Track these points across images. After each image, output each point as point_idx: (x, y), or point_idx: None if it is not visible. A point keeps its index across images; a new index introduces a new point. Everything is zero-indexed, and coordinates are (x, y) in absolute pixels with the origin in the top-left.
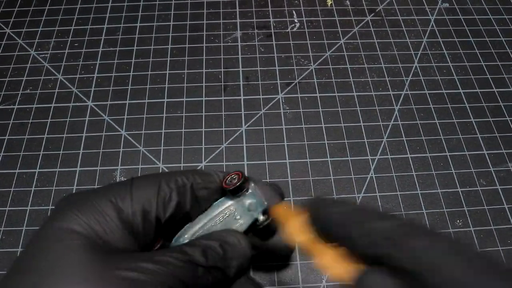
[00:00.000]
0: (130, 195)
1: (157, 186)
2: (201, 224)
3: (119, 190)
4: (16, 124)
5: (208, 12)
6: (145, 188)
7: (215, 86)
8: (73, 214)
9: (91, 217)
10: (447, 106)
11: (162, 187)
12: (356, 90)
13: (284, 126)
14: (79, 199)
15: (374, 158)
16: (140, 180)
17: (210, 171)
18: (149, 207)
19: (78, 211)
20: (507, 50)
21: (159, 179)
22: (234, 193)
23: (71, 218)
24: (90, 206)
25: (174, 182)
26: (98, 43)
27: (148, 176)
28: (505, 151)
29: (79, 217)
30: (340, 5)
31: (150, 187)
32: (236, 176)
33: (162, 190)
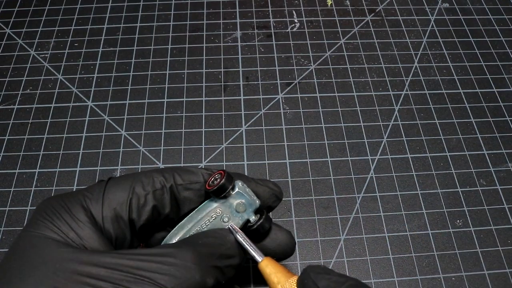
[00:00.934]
0: (101, 199)
1: (130, 189)
2: (185, 230)
3: (92, 193)
4: (16, 124)
5: (208, 12)
6: (118, 192)
7: (215, 86)
8: (47, 221)
9: (64, 223)
10: (447, 106)
11: (136, 190)
12: (356, 90)
13: (284, 126)
14: (54, 204)
15: (374, 158)
16: (114, 182)
17: (194, 169)
18: (121, 212)
19: (52, 217)
20: (507, 50)
21: (133, 181)
22: (217, 194)
23: (45, 226)
24: (63, 212)
25: (150, 184)
26: (98, 43)
27: (124, 178)
28: (505, 151)
29: (54, 224)
30: (340, 5)
31: (122, 190)
32: (219, 175)
33: (135, 193)
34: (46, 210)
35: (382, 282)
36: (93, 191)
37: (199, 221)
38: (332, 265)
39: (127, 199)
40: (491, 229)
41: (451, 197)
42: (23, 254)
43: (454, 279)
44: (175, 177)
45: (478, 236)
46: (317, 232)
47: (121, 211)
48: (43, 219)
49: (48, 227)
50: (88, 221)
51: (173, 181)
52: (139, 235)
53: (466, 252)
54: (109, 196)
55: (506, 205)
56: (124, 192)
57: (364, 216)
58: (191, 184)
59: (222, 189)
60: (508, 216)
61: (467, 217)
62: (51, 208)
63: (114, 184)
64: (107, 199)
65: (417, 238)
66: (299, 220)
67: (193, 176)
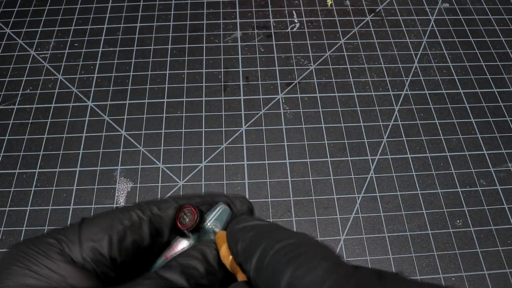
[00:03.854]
0: (78, 239)
1: (107, 226)
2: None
3: (66, 235)
4: (16, 124)
5: (208, 12)
6: (94, 231)
7: (215, 86)
8: (22, 269)
9: (42, 267)
10: (447, 106)
11: (114, 226)
12: (356, 90)
13: (284, 126)
14: (24, 250)
15: (374, 158)
16: (89, 222)
17: (167, 199)
18: (102, 250)
19: (27, 264)
20: (507, 50)
21: (109, 218)
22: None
23: (22, 274)
24: (38, 256)
25: (128, 219)
26: (98, 43)
27: (99, 216)
28: (505, 151)
29: (31, 270)
30: (340, 5)
31: (100, 228)
32: (189, 213)
33: (114, 229)
34: (17, 257)
35: None
36: (67, 233)
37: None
38: None
39: (105, 237)
40: (491, 229)
41: (451, 197)
42: None
43: (454, 279)
44: (152, 208)
45: (478, 236)
46: (317, 232)
47: (102, 249)
48: (17, 268)
49: (26, 274)
50: (68, 262)
51: (149, 212)
52: (121, 272)
53: (466, 252)
54: (85, 236)
55: (506, 205)
56: (101, 230)
57: (364, 216)
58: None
59: (196, 229)
60: (508, 216)
61: (467, 217)
62: (23, 255)
63: (90, 223)
64: (84, 239)
65: (417, 238)
66: (299, 220)
67: (166, 204)
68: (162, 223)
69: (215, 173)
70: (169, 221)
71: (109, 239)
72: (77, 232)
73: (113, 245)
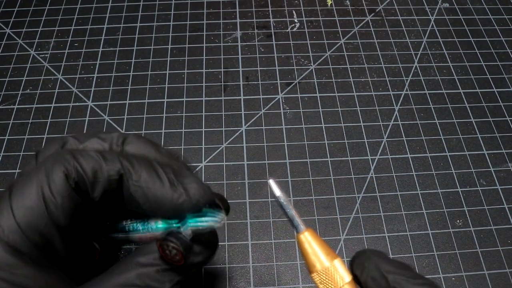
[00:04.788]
0: (10, 210)
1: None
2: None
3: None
4: (16, 124)
5: (208, 12)
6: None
7: (215, 86)
8: None
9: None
10: (447, 106)
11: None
12: (356, 90)
13: (284, 126)
14: None
15: (374, 158)
16: (19, 188)
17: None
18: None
19: None
20: (507, 50)
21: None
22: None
23: None
24: None
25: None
26: (98, 43)
27: (28, 182)
28: (505, 151)
29: None
30: (340, 5)
31: (29, 197)
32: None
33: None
34: None
35: None
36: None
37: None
38: None
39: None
40: (491, 229)
41: (451, 197)
42: None
43: (454, 279)
44: (75, 165)
45: (478, 236)
46: (317, 232)
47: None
48: None
49: None
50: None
51: (74, 171)
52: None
53: (466, 252)
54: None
55: (506, 205)
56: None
57: (364, 216)
58: (94, 180)
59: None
60: (508, 216)
61: (467, 217)
62: None
63: (19, 190)
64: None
65: (417, 238)
66: None
67: (95, 165)
68: (88, 185)
69: (215, 173)
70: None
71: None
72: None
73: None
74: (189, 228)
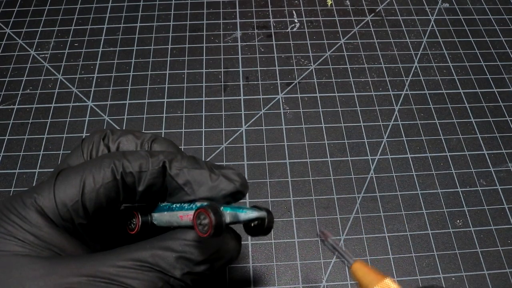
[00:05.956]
0: (54, 198)
1: (81, 184)
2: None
3: (42, 193)
4: (16, 124)
5: (208, 12)
6: (68, 189)
7: (215, 86)
8: (6, 234)
9: (24, 233)
10: (447, 106)
11: (87, 184)
12: (356, 90)
13: (284, 126)
14: (5, 213)
15: (374, 158)
16: (65, 176)
17: (143, 153)
18: (76, 206)
19: (10, 228)
20: (507, 50)
21: (85, 174)
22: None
23: (1, 239)
24: (19, 220)
25: (102, 176)
26: (98, 43)
27: (75, 170)
28: (505, 151)
29: (13, 235)
30: (340, 5)
31: (73, 186)
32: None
33: (86, 188)
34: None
35: None
36: (43, 192)
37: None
38: (332, 265)
39: (79, 196)
40: (491, 229)
41: (451, 197)
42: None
43: (454, 279)
44: (125, 164)
45: (478, 236)
46: (317, 232)
47: (76, 209)
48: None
49: (4, 239)
50: (47, 223)
51: (122, 169)
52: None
53: (466, 252)
54: (60, 193)
55: (506, 205)
56: (75, 188)
57: (364, 216)
58: (140, 172)
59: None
60: (508, 216)
61: (467, 217)
62: (4, 218)
63: (64, 179)
64: (59, 196)
65: (417, 238)
66: (299, 220)
67: (142, 160)
68: (135, 182)
69: None
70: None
71: (82, 197)
72: (52, 190)
73: (88, 199)
74: (229, 212)
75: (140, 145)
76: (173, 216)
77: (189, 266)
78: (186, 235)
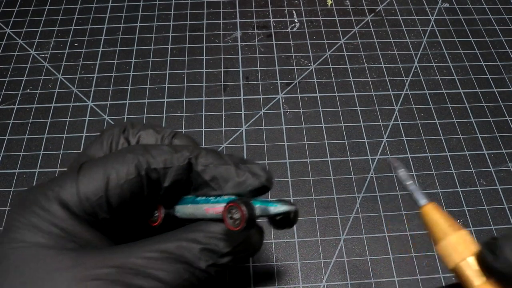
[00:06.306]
0: (77, 191)
1: (104, 179)
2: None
3: (65, 186)
4: (16, 124)
5: (208, 12)
6: (92, 183)
7: (215, 86)
8: (29, 225)
9: (48, 225)
10: (447, 106)
11: (111, 179)
12: (356, 90)
13: (284, 126)
14: (28, 205)
15: (374, 158)
16: (87, 170)
17: (162, 146)
18: (100, 205)
19: (33, 219)
20: (507, 50)
21: (108, 168)
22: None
23: (26, 231)
24: (42, 212)
25: (125, 171)
26: (98, 43)
27: (97, 164)
28: (505, 151)
29: (36, 227)
30: (340, 5)
31: (97, 179)
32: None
33: (110, 183)
34: (21, 213)
35: (382, 282)
36: (65, 185)
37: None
38: (332, 265)
39: (103, 191)
40: (491, 229)
41: (451, 197)
42: (21, 271)
43: (454, 279)
44: (149, 159)
45: (478, 236)
46: (317, 232)
47: (100, 204)
48: (22, 224)
49: (29, 230)
50: (69, 215)
51: (146, 164)
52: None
53: None
54: (83, 189)
55: (506, 205)
56: (98, 182)
57: (364, 216)
58: (165, 169)
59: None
60: (508, 216)
61: (467, 217)
62: (27, 209)
63: (87, 173)
64: (82, 190)
65: (417, 238)
66: (299, 220)
67: (166, 156)
68: (159, 178)
69: None
70: (166, 176)
71: (106, 192)
72: (76, 184)
73: (112, 193)
74: (258, 206)
75: (160, 139)
76: (198, 208)
77: (213, 258)
78: (210, 227)
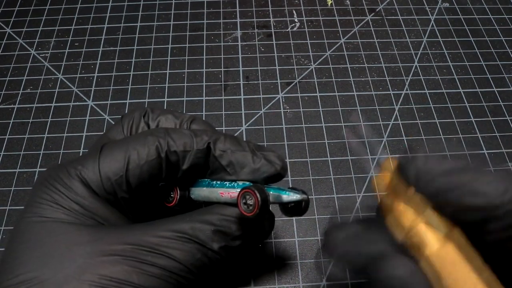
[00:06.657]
0: (98, 170)
1: (125, 159)
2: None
3: (87, 165)
4: (16, 124)
5: (208, 11)
6: (113, 163)
7: (215, 85)
8: (52, 202)
9: (69, 201)
10: (447, 105)
11: (132, 160)
12: (356, 90)
13: (284, 126)
14: (51, 182)
15: (374, 157)
16: (109, 150)
17: (186, 132)
18: (120, 184)
19: (55, 196)
20: (507, 50)
21: (128, 150)
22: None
23: (48, 206)
24: (64, 189)
25: (146, 153)
26: (98, 42)
27: (119, 145)
28: (505, 150)
29: (59, 204)
30: (340, 4)
31: (118, 161)
32: (249, 197)
33: (131, 164)
34: (44, 189)
35: None
36: (87, 164)
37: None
38: (332, 265)
39: (123, 171)
40: None
41: None
42: (41, 243)
43: None
44: (169, 142)
45: None
46: (317, 232)
47: (120, 183)
48: (45, 200)
49: (51, 206)
50: (90, 193)
51: (167, 147)
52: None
53: None
54: (104, 169)
55: None
56: (119, 163)
57: (364, 215)
58: (185, 152)
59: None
60: None
61: None
62: (49, 186)
63: (108, 153)
64: (103, 169)
65: None
66: (299, 220)
67: (186, 139)
68: (178, 160)
69: None
70: (185, 159)
71: (126, 172)
72: (97, 163)
73: (132, 174)
74: (272, 193)
75: (179, 124)
76: (213, 192)
77: (226, 240)
78: (224, 211)
